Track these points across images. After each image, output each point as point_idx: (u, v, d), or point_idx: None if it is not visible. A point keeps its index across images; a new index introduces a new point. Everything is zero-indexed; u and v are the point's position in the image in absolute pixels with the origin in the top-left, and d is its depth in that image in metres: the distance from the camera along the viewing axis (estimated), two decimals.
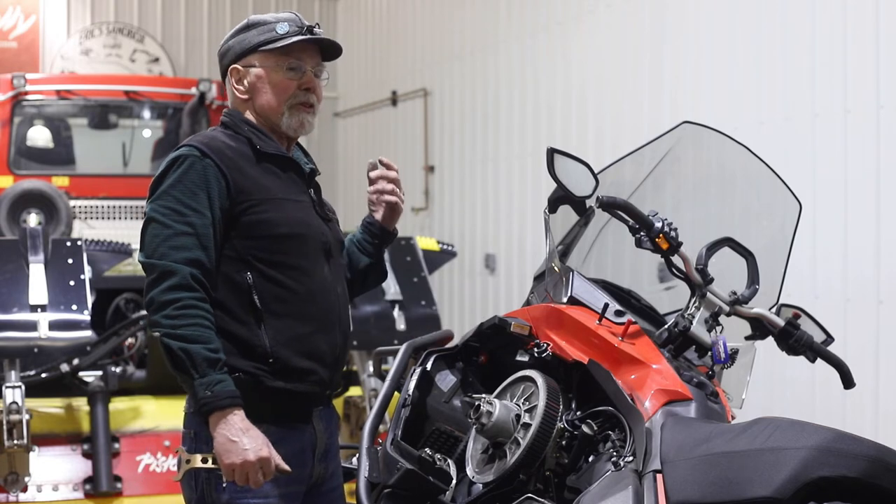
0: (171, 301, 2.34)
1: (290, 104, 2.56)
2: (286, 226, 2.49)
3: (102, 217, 8.21)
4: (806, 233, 5.06)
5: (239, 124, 2.57)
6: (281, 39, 2.54)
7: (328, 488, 2.64)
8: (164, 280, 2.36)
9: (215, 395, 2.31)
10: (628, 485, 2.35)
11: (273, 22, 2.56)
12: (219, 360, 2.34)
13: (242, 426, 2.32)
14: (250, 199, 2.47)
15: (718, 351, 2.81)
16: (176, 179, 2.44)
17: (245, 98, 2.58)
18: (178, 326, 2.33)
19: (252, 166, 2.50)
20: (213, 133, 2.57)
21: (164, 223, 2.41)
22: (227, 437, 2.31)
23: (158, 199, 2.44)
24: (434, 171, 9.66)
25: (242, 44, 2.57)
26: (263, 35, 2.55)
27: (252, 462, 2.31)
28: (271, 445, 2.36)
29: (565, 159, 3.02)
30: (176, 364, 2.35)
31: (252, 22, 2.58)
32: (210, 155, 2.46)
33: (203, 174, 2.43)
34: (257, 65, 2.55)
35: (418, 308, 5.75)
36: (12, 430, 4.72)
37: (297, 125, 2.58)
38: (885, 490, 2.15)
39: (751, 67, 5.79)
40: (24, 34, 11.46)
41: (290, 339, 2.47)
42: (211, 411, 2.33)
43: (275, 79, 2.55)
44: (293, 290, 2.49)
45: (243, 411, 2.34)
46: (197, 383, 2.32)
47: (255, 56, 2.55)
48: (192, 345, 2.32)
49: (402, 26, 10.41)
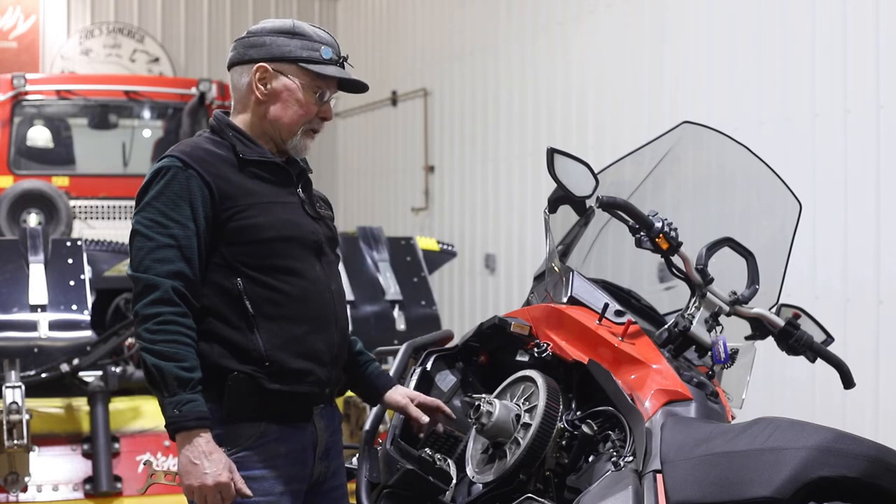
0: (151, 315, 2.35)
1: (305, 129, 2.57)
2: (274, 229, 2.48)
3: (102, 217, 8.22)
4: (806, 233, 5.06)
5: (224, 129, 2.56)
6: (323, 65, 2.54)
7: (330, 487, 2.64)
8: (147, 294, 2.37)
9: (182, 415, 2.32)
10: (628, 485, 2.35)
11: (318, 42, 2.54)
12: (191, 380, 2.34)
13: (206, 449, 2.33)
14: (236, 205, 2.46)
15: (718, 351, 2.81)
16: (159, 191, 2.43)
17: (261, 99, 2.55)
18: (156, 342, 2.34)
19: (236, 172, 2.49)
20: (196, 140, 2.56)
21: (148, 235, 2.41)
22: (190, 459, 2.32)
23: (142, 212, 2.45)
24: (434, 171, 9.66)
25: (283, 48, 2.53)
26: (307, 52, 2.53)
27: (210, 486, 2.31)
28: (235, 470, 2.36)
29: (565, 159, 3.03)
30: (150, 380, 2.37)
31: (298, 31, 2.54)
32: (192, 165, 2.44)
33: (186, 185, 2.43)
34: (290, 77, 2.53)
35: (418, 308, 5.75)
36: (12, 430, 4.71)
37: (301, 148, 2.59)
38: (885, 490, 2.15)
39: (751, 67, 5.79)
40: (24, 34, 11.47)
41: (286, 342, 2.47)
42: (177, 431, 2.34)
43: (303, 98, 2.54)
44: (285, 293, 2.48)
45: (210, 433, 2.34)
46: (166, 402, 2.33)
47: (292, 67, 2.53)
48: (165, 362, 2.32)
49: (402, 26, 10.41)
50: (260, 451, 2.44)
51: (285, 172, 2.57)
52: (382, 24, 10.95)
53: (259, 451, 2.44)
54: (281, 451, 2.46)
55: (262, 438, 2.45)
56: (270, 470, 2.44)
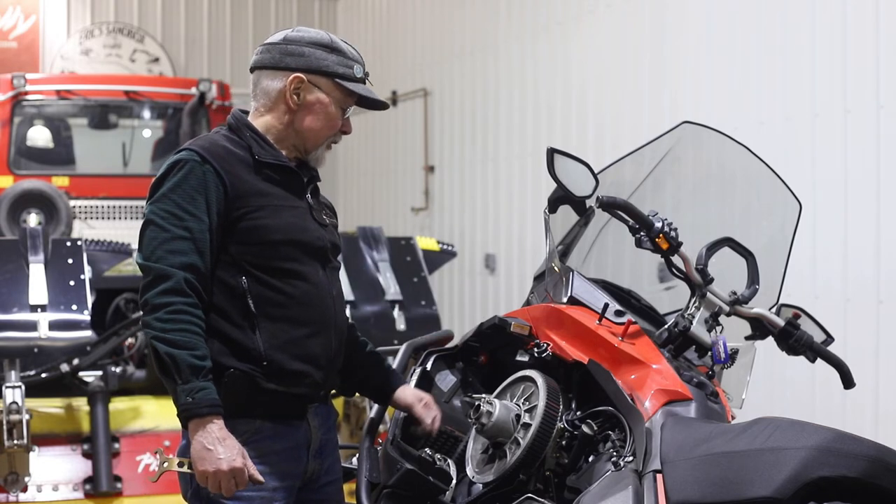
0: (163, 305, 2.36)
1: (328, 142, 2.63)
2: (281, 232, 2.51)
3: (102, 217, 8.22)
4: (806, 233, 5.05)
5: (242, 129, 2.58)
6: (356, 83, 2.58)
7: (323, 483, 2.65)
8: (158, 283, 2.38)
9: (196, 402, 2.34)
10: (628, 485, 2.35)
11: (352, 60, 2.59)
12: (203, 368, 2.36)
13: (219, 435, 2.34)
14: (248, 205, 2.48)
15: (718, 351, 2.81)
16: (175, 184, 2.45)
17: (292, 108, 2.57)
18: (168, 331, 2.35)
19: (250, 172, 2.52)
20: (214, 137, 2.58)
21: (162, 226, 2.42)
22: (203, 445, 2.34)
23: (158, 202, 2.46)
24: (434, 171, 9.66)
25: (321, 62, 2.56)
26: (343, 68, 2.57)
27: (224, 472, 2.33)
28: (247, 456, 2.38)
29: (565, 159, 3.03)
30: (162, 368, 2.38)
31: (336, 47, 2.58)
32: (210, 160, 2.47)
33: (202, 179, 2.45)
34: (324, 90, 2.56)
35: (418, 308, 5.75)
36: (12, 430, 4.72)
37: (321, 159, 2.65)
38: (885, 490, 2.15)
39: (751, 67, 5.79)
40: (24, 34, 11.47)
41: (285, 343, 2.49)
42: (190, 418, 2.35)
43: (332, 113, 2.58)
44: (288, 295, 2.50)
45: (223, 420, 2.36)
46: (179, 389, 2.35)
47: (327, 81, 2.56)
48: (178, 350, 2.34)
49: (402, 26, 10.41)
50: (254, 447, 2.45)
51: (297, 178, 2.60)
52: (382, 24, 10.95)
53: (253, 447, 2.45)
54: (274, 448, 2.48)
55: (256, 435, 2.47)
56: (264, 466, 2.45)
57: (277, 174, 2.56)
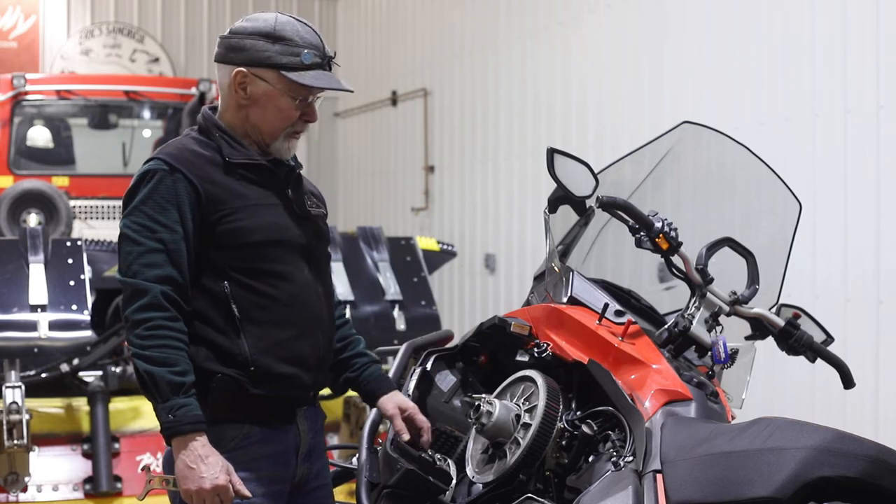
0: (141, 321, 2.34)
1: (288, 132, 2.52)
2: (261, 232, 2.45)
3: (102, 217, 8.22)
4: (806, 233, 5.06)
5: (211, 129, 2.52)
6: (304, 71, 2.44)
7: (312, 487, 2.62)
8: (136, 299, 2.36)
9: (177, 419, 2.31)
10: (628, 485, 2.35)
11: (300, 46, 2.45)
12: (183, 384, 2.33)
13: (202, 452, 2.32)
14: (223, 208, 2.43)
15: (718, 351, 2.81)
16: (146, 195, 2.41)
17: (242, 103, 2.50)
18: (146, 347, 2.32)
19: (223, 174, 2.46)
20: (183, 141, 2.52)
21: (136, 240, 2.39)
22: (186, 464, 2.31)
23: (130, 215, 2.42)
24: (434, 171, 9.66)
25: (261, 55, 2.45)
26: (286, 58, 2.44)
27: (207, 490, 2.30)
28: (233, 472, 2.34)
29: (565, 159, 3.03)
30: (142, 385, 2.36)
31: (279, 35, 2.47)
32: (179, 168, 2.42)
33: (173, 189, 2.40)
34: (269, 82, 2.46)
35: (418, 308, 5.75)
36: (12, 430, 4.71)
37: (284, 151, 2.54)
38: (885, 490, 2.15)
39: (751, 67, 5.79)
40: (24, 34, 11.47)
41: (271, 346, 2.45)
42: (172, 436, 2.33)
43: (282, 104, 2.48)
44: (272, 297, 2.46)
45: (206, 436, 2.33)
46: (159, 407, 2.33)
47: (271, 73, 2.46)
48: (157, 368, 2.31)
49: (402, 26, 10.41)
50: (243, 453, 2.43)
51: (272, 174, 2.53)
52: (382, 24, 10.95)
53: (242, 452, 2.43)
54: (263, 453, 2.45)
55: (245, 440, 2.45)
56: (253, 472, 2.43)
57: (252, 173, 2.49)
